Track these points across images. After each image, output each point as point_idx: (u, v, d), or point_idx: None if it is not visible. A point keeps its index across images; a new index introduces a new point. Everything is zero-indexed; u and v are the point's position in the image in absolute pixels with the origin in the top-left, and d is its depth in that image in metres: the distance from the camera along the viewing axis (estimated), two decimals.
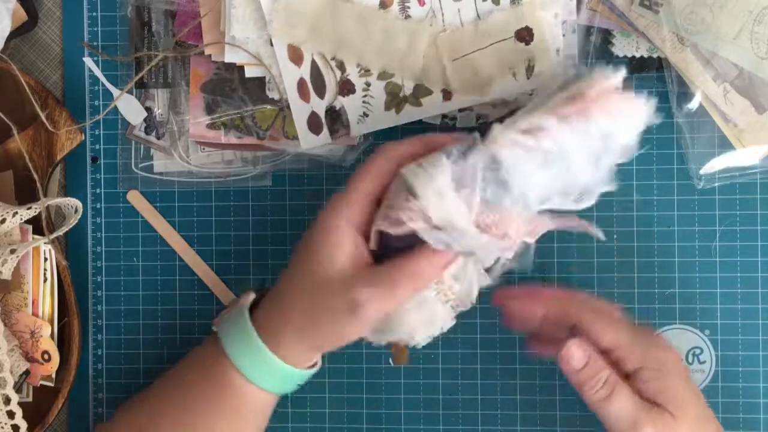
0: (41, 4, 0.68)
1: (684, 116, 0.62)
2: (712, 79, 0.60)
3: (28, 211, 0.63)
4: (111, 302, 0.68)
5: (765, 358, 0.64)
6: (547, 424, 0.66)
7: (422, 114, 0.62)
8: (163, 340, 0.68)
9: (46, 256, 0.64)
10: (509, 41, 0.60)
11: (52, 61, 0.69)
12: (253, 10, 0.61)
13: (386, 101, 0.62)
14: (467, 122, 0.63)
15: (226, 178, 0.66)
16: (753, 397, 0.64)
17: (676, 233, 0.64)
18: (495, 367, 0.66)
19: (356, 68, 0.62)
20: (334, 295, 0.53)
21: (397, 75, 0.61)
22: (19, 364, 0.63)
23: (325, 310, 0.54)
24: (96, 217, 0.68)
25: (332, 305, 0.54)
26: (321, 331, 0.55)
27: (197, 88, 0.64)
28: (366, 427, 0.67)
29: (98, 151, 0.68)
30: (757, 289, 0.64)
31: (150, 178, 0.67)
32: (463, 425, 0.66)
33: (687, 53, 0.60)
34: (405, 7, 0.61)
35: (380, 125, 0.63)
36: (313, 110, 0.63)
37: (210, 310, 0.68)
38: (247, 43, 0.61)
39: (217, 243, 0.68)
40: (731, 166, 0.62)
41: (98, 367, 0.68)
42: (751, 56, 0.60)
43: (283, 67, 0.62)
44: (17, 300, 0.64)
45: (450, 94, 0.62)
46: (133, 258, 0.68)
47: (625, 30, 0.62)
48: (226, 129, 0.64)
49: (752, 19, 0.59)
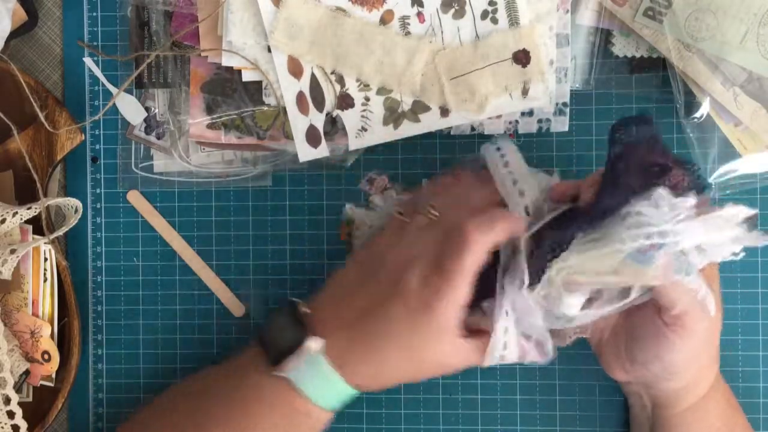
0: (41, 4, 0.68)
1: (691, 126, 0.62)
2: (720, 84, 0.60)
3: (28, 211, 0.63)
4: (111, 302, 0.68)
5: (765, 358, 0.64)
6: (547, 424, 0.66)
7: (420, 129, 0.62)
8: (163, 340, 0.68)
9: (46, 256, 0.64)
10: (506, 62, 0.61)
11: (52, 61, 0.69)
12: (251, 16, 0.61)
13: (384, 116, 0.62)
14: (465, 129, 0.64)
15: (226, 178, 0.66)
16: (753, 397, 0.64)
17: None
18: (495, 367, 0.66)
19: (355, 83, 0.62)
20: None
21: (395, 90, 0.62)
22: (19, 364, 0.63)
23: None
24: (96, 217, 0.68)
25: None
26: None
27: (197, 88, 0.64)
28: (366, 427, 0.67)
29: (98, 151, 0.68)
30: (757, 289, 0.64)
31: (150, 178, 0.67)
32: (463, 425, 0.66)
33: (694, 60, 0.60)
34: (405, 23, 0.61)
35: (378, 140, 0.63)
36: (312, 123, 0.63)
37: (210, 310, 0.68)
38: (245, 48, 0.62)
39: (217, 243, 0.68)
40: (743, 173, 0.62)
41: (98, 367, 0.68)
42: (759, 59, 0.60)
43: (282, 80, 0.62)
44: (17, 300, 0.64)
45: (447, 110, 0.62)
46: (133, 258, 0.68)
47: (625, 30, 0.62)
48: (226, 129, 0.64)
49: (757, 22, 0.59)
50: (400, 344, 0.55)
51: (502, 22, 0.61)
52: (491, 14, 0.61)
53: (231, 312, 0.67)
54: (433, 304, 0.53)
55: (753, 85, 0.60)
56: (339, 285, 0.59)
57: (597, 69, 0.63)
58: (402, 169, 0.66)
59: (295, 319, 0.57)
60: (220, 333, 0.68)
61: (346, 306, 0.56)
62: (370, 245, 0.60)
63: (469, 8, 0.61)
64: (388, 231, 0.59)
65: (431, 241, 0.55)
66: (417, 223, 0.58)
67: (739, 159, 0.62)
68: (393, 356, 0.55)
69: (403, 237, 0.57)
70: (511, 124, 0.63)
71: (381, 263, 0.57)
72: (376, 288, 0.56)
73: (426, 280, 0.54)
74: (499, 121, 0.63)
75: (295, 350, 0.56)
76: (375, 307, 0.55)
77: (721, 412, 0.60)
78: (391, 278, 0.55)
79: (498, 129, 0.63)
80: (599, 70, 0.63)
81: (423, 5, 0.60)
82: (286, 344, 0.56)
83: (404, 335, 0.55)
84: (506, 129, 0.63)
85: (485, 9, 0.60)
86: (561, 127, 0.64)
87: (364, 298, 0.56)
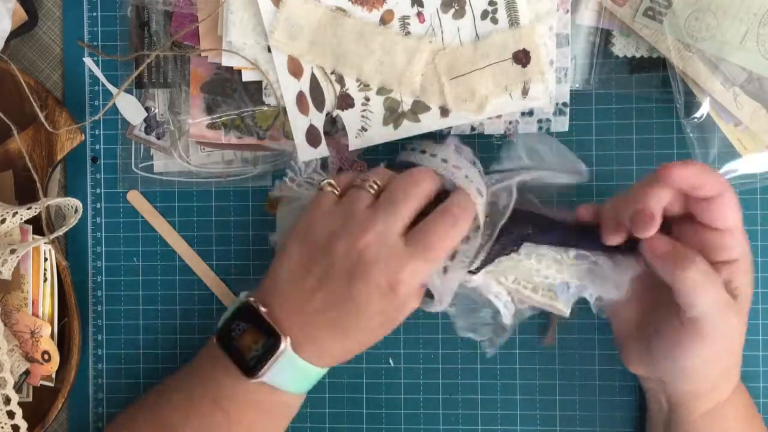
0: (41, 4, 0.68)
1: (691, 126, 0.62)
2: (720, 84, 0.60)
3: (28, 211, 0.63)
4: (111, 302, 0.68)
5: (765, 358, 0.64)
6: (547, 424, 0.66)
7: (420, 129, 0.62)
8: (163, 340, 0.68)
9: (46, 256, 0.64)
10: (506, 62, 0.61)
11: (52, 61, 0.69)
12: (251, 16, 0.61)
13: (384, 116, 0.62)
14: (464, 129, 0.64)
15: (226, 178, 0.66)
16: (753, 397, 0.64)
17: None
18: (495, 367, 0.66)
19: (355, 83, 0.62)
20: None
21: (395, 90, 0.62)
22: (19, 364, 0.63)
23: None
24: (96, 217, 0.68)
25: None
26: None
27: (197, 88, 0.64)
28: (366, 427, 0.67)
29: (98, 151, 0.68)
30: (757, 289, 0.64)
31: (150, 178, 0.67)
32: (463, 425, 0.66)
33: (694, 60, 0.60)
34: (405, 23, 0.61)
35: (378, 140, 0.63)
36: (312, 123, 0.63)
37: (210, 310, 0.68)
38: (245, 48, 0.62)
39: (217, 243, 0.68)
40: (743, 173, 0.62)
41: (98, 367, 0.68)
42: (759, 59, 0.59)
43: (282, 80, 0.62)
44: (17, 300, 0.64)
45: (447, 110, 0.62)
46: (133, 258, 0.68)
47: (625, 30, 0.62)
48: (226, 129, 0.64)
49: (757, 22, 0.59)
50: (370, 325, 0.56)
51: (502, 22, 0.61)
52: (491, 14, 0.61)
53: None
54: (399, 287, 0.54)
55: (753, 85, 0.60)
56: (288, 274, 0.57)
57: (597, 69, 0.63)
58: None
59: (257, 323, 0.56)
60: None
61: (306, 301, 0.56)
62: (307, 227, 0.57)
63: (469, 8, 0.61)
64: (321, 209, 0.57)
65: (381, 222, 0.55)
66: (357, 198, 0.57)
67: (739, 159, 0.62)
68: (363, 334, 0.57)
69: (345, 218, 0.56)
70: (511, 124, 0.63)
71: (329, 250, 0.55)
72: (334, 281, 0.55)
73: (387, 266, 0.54)
74: (499, 121, 0.63)
75: (268, 357, 0.56)
76: (340, 301, 0.55)
77: (740, 420, 0.59)
78: (347, 268, 0.55)
79: (498, 129, 0.63)
80: (599, 70, 0.63)
81: (423, 5, 0.60)
82: (257, 354, 0.56)
83: (374, 318, 0.56)
84: (506, 129, 0.63)
85: (485, 9, 0.60)
86: (561, 127, 0.64)
87: (324, 291, 0.55)
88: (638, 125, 0.64)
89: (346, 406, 0.67)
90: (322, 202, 0.58)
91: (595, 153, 0.65)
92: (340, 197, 0.58)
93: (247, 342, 0.56)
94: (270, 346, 0.56)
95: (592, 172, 0.64)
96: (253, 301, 0.57)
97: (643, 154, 0.64)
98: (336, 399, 0.67)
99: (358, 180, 0.58)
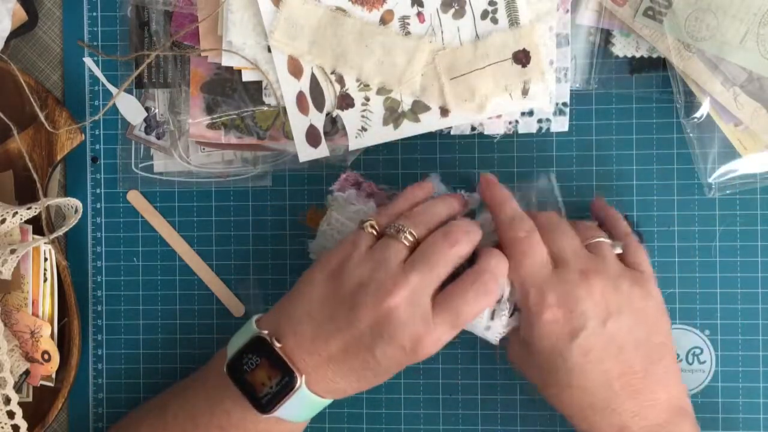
0: (41, 4, 0.68)
1: (691, 126, 0.62)
2: (721, 84, 0.60)
3: (28, 211, 0.63)
4: (111, 302, 0.68)
5: (765, 358, 0.64)
6: (547, 424, 0.66)
7: (420, 129, 0.62)
8: (163, 340, 0.68)
9: (46, 256, 0.64)
10: (506, 62, 0.61)
11: (52, 61, 0.69)
12: (251, 16, 0.61)
13: (384, 116, 0.62)
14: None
15: (226, 178, 0.66)
16: (753, 397, 0.64)
17: (676, 233, 0.64)
18: (495, 367, 0.66)
19: (355, 83, 0.62)
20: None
21: (395, 90, 0.62)
22: (19, 364, 0.63)
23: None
24: (96, 217, 0.68)
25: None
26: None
27: (197, 88, 0.64)
28: (366, 427, 0.67)
29: (98, 151, 0.68)
30: (757, 289, 0.64)
31: (150, 178, 0.67)
32: (463, 425, 0.66)
33: (694, 60, 0.60)
34: (405, 23, 0.61)
35: (378, 140, 0.63)
36: (312, 123, 0.63)
37: (210, 310, 0.68)
38: (245, 48, 0.62)
39: (217, 243, 0.68)
40: (743, 173, 0.62)
41: (98, 367, 0.68)
42: (759, 59, 0.59)
43: (282, 80, 0.62)
44: (17, 300, 0.64)
45: (447, 110, 0.62)
46: (133, 258, 0.68)
47: (625, 30, 0.62)
48: (226, 129, 0.64)
49: (757, 22, 0.59)
50: (386, 374, 0.56)
51: (502, 22, 0.61)
52: (491, 14, 0.61)
53: (231, 312, 0.67)
54: (422, 350, 0.54)
55: (753, 85, 0.60)
56: (308, 309, 0.55)
57: (597, 69, 0.63)
58: (402, 169, 0.66)
59: (271, 358, 0.55)
60: (220, 333, 0.68)
61: (323, 344, 0.54)
62: (338, 265, 0.56)
63: (469, 8, 0.61)
64: (358, 249, 0.56)
65: (413, 284, 0.53)
66: (392, 249, 0.55)
67: (739, 159, 0.62)
68: (377, 380, 0.57)
69: (376, 269, 0.54)
70: (511, 124, 0.63)
71: (355, 302, 0.54)
72: (357, 333, 0.54)
73: (414, 330, 0.53)
74: (499, 121, 0.63)
75: (282, 395, 0.55)
76: (360, 352, 0.54)
77: None
78: (371, 324, 0.53)
79: (498, 129, 0.63)
80: (599, 70, 0.63)
81: (423, 5, 0.60)
82: (271, 391, 0.55)
83: (392, 369, 0.56)
84: (506, 129, 0.63)
85: (485, 9, 0.60)
86: (561, 127, 0.64)
87: (343, 341, 0.54)
88: (638, 125, 0.64)
89: (347, 406, 0.67)
90: (359, 243, 0.56)
91: (595, 153, 0.65)
92: (378, 237, 0.56)
93: (261, 378, 0.55)
94: (284, 384, 0.55)
95: (593, 172, 0.64)
96: (267, 334, 0.55)
97: (643, 154, 0.64)
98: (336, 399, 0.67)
99: (394, 228, 0.56)
